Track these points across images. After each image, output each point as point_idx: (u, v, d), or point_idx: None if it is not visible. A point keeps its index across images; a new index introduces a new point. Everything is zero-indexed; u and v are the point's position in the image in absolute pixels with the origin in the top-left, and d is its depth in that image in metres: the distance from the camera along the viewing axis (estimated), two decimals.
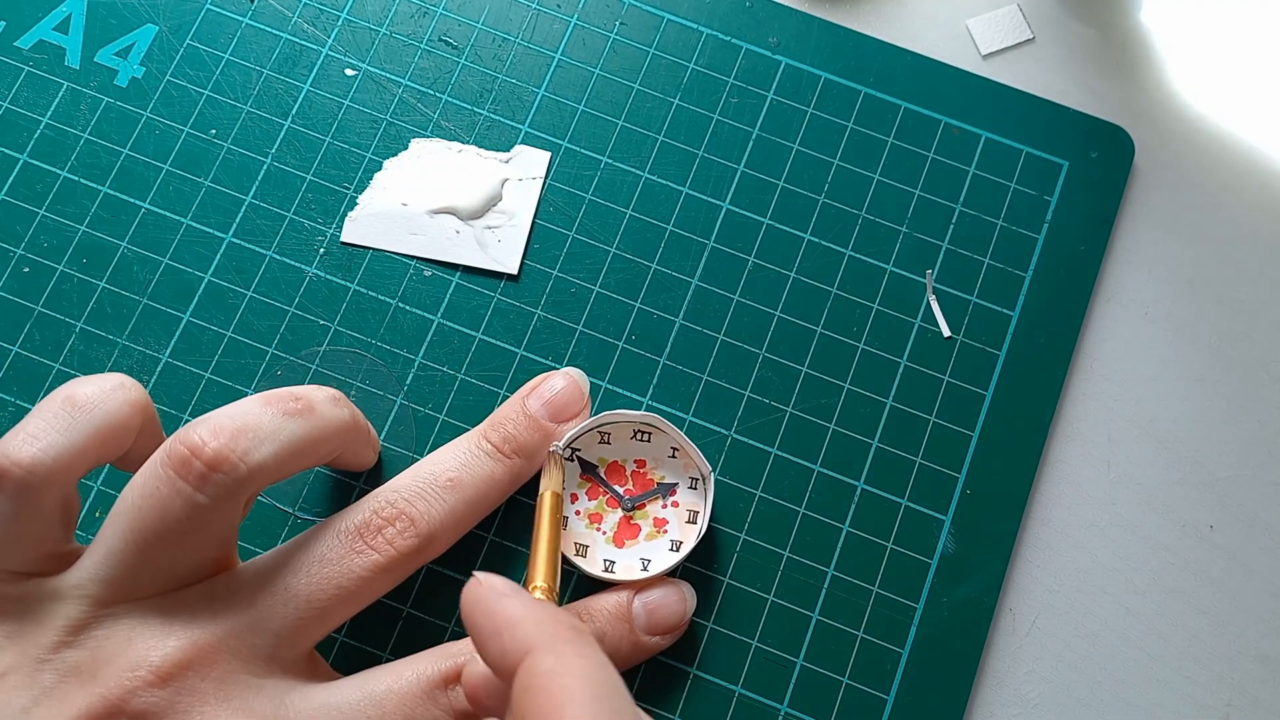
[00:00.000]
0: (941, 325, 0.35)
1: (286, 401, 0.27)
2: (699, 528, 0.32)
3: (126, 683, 0.24)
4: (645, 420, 0.33)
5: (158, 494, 0.25)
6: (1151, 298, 0.36)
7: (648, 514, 0.32)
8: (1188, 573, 0.34)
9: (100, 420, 0.26)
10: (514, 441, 0.31)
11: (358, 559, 0.27)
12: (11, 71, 0.36)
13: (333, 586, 0.27)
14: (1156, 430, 0.35)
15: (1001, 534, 0.34)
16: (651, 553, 0.32)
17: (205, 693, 0.25)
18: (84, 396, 0.26)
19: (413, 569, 0.28)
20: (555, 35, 0.37)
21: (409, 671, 0.27)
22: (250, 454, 0.25)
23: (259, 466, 0.25)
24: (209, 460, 0.25)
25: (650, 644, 0.31)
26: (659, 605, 0.31)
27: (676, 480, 0.33)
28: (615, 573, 0.31)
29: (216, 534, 0.26)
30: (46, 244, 0.35)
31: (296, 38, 0.37)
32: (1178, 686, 0.33)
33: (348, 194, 0.36)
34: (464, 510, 0.29)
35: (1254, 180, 0.37)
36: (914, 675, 0.32)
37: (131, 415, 0.26)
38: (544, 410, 0.32)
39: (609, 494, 0.33)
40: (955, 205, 0.36)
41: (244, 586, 0.27)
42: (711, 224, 0.36)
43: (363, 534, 0.28)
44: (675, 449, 0.33)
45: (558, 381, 0.32)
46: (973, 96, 0.37)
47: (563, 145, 0.36)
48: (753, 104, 0.37)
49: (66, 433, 0.25)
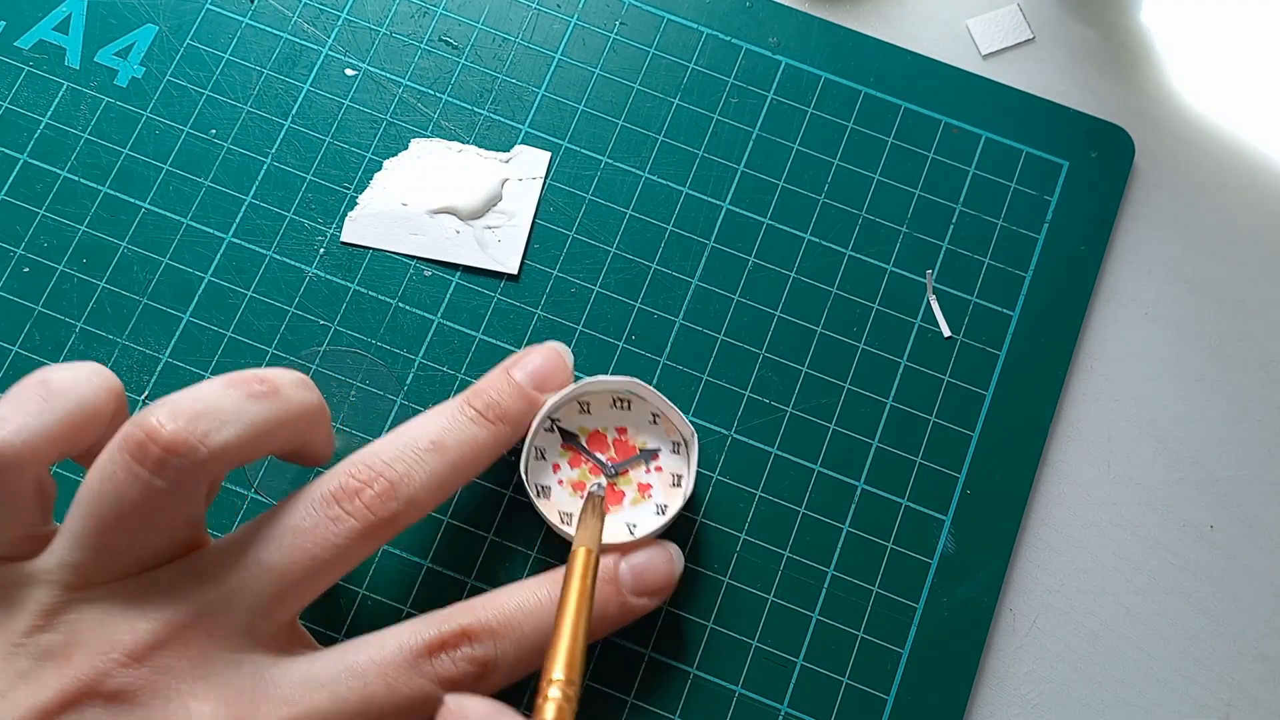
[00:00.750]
0: (941, 325, 0.35)
1: (251, 383, 0.26)
2: (684, 490, 0.32)
3: (100, 664, 0.24)
4: (625, 387, 0.33)
5: (115, 479, 0.24)
6: (1151, 298, 0.36)
7: (631, 480, 0.32)
8: (1188, 573, 0.34)
9: (74, 404, 0.25)
10: (498, 408, 0.30)
11: (333, 527, 0.26)
12: (11, 71, 0.36)
13: (307, 557, 0.26)
14: (1156, 430, 0.35)
15: (1001, 534, 0.34)
16: (637, 517, 0.32)
17: (182, 671, 0.25)
18: (58, 381, 0.25)
19: (392, 535, 0.27)
20: (555, 35, 0.37)
21: (392, 641, 0.27)
22: (210, 436, 0.25)
23: (220, 449, 0.25)
24: (166, 444, 0.24)
25: (638, 605, 0.30)
26: (646, 567, 0.30)
27: (659, 445, 0.33)
28: (602, 539, 0.31)
29: (181, 516, 0.25)
30: (46, 244, 0.35)
31: (296, 38, 0.37)
32: (1178, 686, 0.33)
33: (348, 194, 0.36)
34: (446, 473, 0.28)
35: (1254, 180, 0.37)
36: (914, 675, 0.32)
37: (105, 401, 0.26)
38: (528, 379, 0.31)
39: (592, 462, 0.33)
40: (955, 205, 0.36)
41: (216, 563, 0.26)
42: (711, 224, 0.36)
43: (338, 499, 0.27)
44: (656, 415, 0.33)
45: (541, 352, 0.32)
46: (973, 96, 0.37)
47: (563, 145, 0.36)
48: (753, 104, 0.37)
49: (38, 415, 0.25)
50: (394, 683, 0.26)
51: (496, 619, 0.28)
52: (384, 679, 0.26)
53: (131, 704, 0.24)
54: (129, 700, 0.24)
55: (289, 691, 0.26)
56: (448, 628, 0.27)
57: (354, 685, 0.26)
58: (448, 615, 0.28)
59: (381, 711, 0.26)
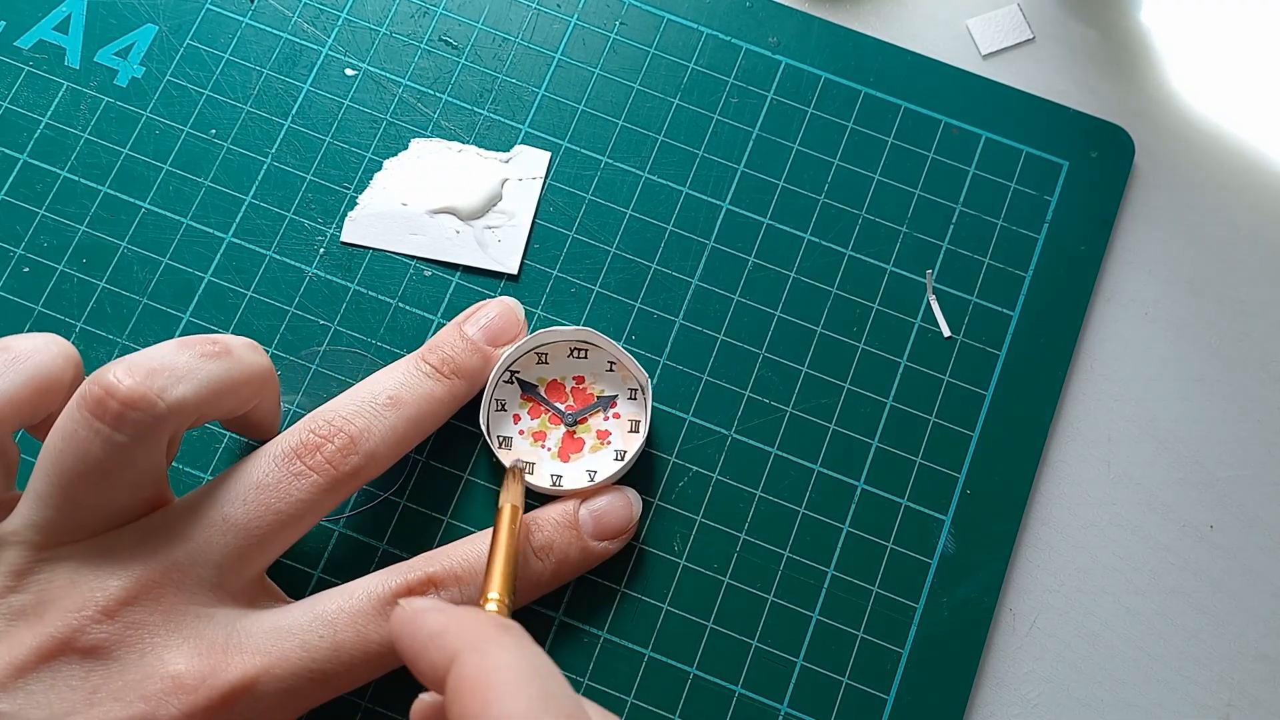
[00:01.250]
0: (941, 325, 0.35)
1: (204, 344, 0.27)
2: (640, 436, 0.33)
3: (74, 621, 0.24)
4: (580, 336, 0.33)
5: (76, 436, 0.25)
6: (1151, 298, 0.36)
7: (590, 428, 0.33)
8: (1188, 573, 0.34)
9: (34, 370, 0.26)
10: (453, 363, 0.31)
11: (296, 482, 0.27)
12: (11, 71, 0.36)
13: (271, 513, 0.27)
14: (1156, 430, 0.35)
15: (1001, 534, 0.34)
16: (597, 464, 0.33)
17: (154, 625, 0.25)
18: (19, 348, 0.26)
19: (354, 489, 0.28)
20: (555, 35, 0.37)
21: (360, 590, 0.28)
22: (167, 391, 0.25)
23: (177, 404, 0.25)
24: (124, 399, 0.24)
25: (598, 549, 0.31)
26: (605, 511, 0.31)
27: (615, 393, 0.34)
28: (563, 486, 0.32)
29: (143, 473, 0.26)
30: (46, 244, 0.35)
31: (296, 38, 0.37)
32: (1178, 686, 0.33)
33: (348, 194, 0.36)
34: (405, 428, 0.29)
35: (1254, 180, 0.37)
36: (914, 675, 0.32)
37: (65, 368, 0.27)
38: (481, 334, 0.32)
39: (550, 411, 0.33)
40: (955, 205, 0.36)
41: (182, 520, 0.27)
42: (711, 224, 0.36)
43: (299, 455, 0.27)
44: (612, 362, 0.34)
45: (493, 307, 0.33)
46: (973, 96, 0.37)
47: (563, 145, 0.36)
48: (753, 104, 0.37)
49: (0, 379, 0.25)
50: (363, 630, 0.27)
51: (461, 566, 0.29)
52: (353, 627, 0.27)
53: (106, 658, 0.24)
54: (104, 655, 0.24)
55: (260, 641, 0.26)
56: (414, 575, 0.28)
57: (324, 633, 0.27)
58: (414, 564, 0.29)
59: (351, 658, 0.27)
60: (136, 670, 0.25)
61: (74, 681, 0.24)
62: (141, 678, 0.25)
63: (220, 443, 0.33)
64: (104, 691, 0.24)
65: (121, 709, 0.24)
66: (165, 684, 0.25)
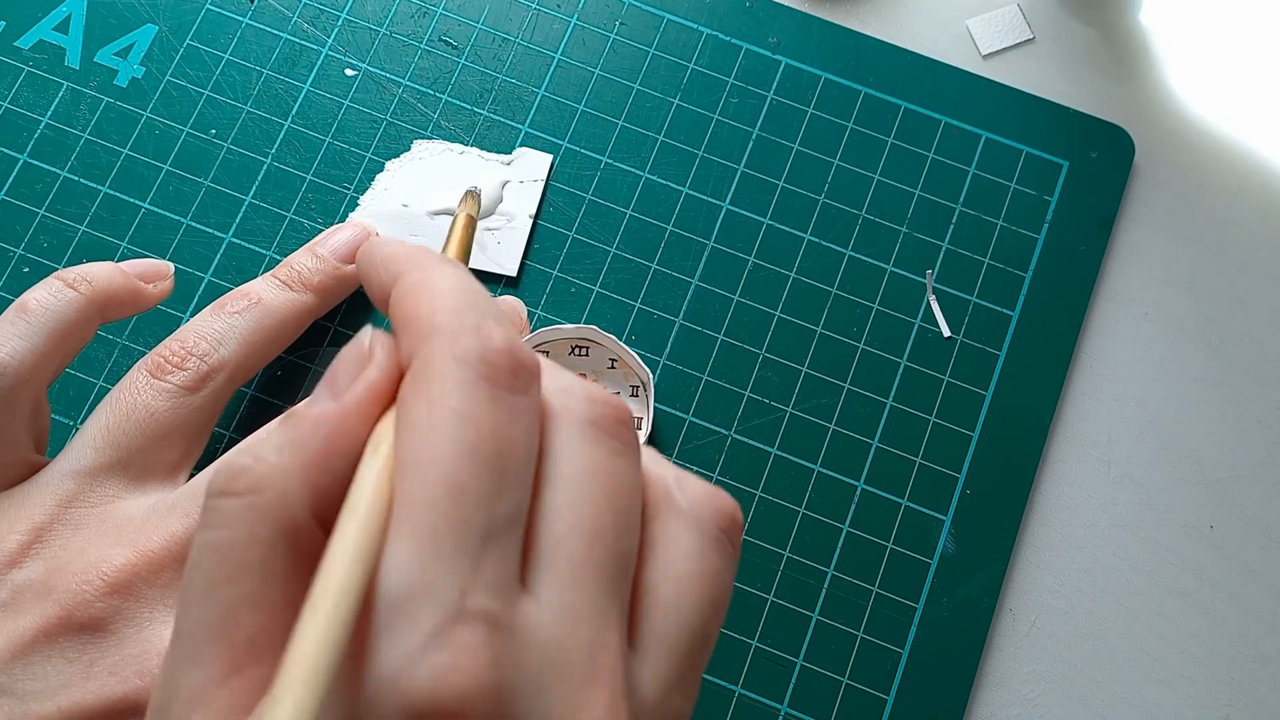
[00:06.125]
0: (941, 325, 0.35)
1: (236, 300, 0.30)
2: (643, 433, 0.33)
3: (75, 597, 0.25)
4: (582, 334, 0.34)
5: (135, 387, 0.28)
6: (1151, 298, 0.36)
7: None
8: (1188, 573, 0.34)
9: (53, 321, 0.27)
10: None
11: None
12: (11, 71, 0.36)
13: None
14: (1156, 430, 0.35)
15: (1001, 534, 0.34)
16: None
17: (152, 599, 0.26)
18: (34, 303, 0.27)
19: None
20: (555, 35, 0.37)
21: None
22: (210, 355, 0.28)
23: (224, 361, 0.28)
24: (180, 364, 0.28)
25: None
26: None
27: (617, 389, 0.34)
28: None
29: (195, 425, 0.28)
30: (46, 244, 0.35)
31: (296, 38, 0.37)
32: (1178, 686, 0.33)
33: (348, 194, 0.36)
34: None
35: (1254, 180, 0.37)
36: (914, 675, 0.32)
37: (82, 308, 0.28)
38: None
39: None
40: (955, 205, 0.36)
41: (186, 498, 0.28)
42: (711, 224, 0.36)
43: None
44: (614, 360, 0.34)
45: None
46: (973, 96, 0.37)
47: (563, 145, 0.36)
48: (753, 104, 0.37)
49: (26, 337, 0.27)
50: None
51: None
52: None
53: (104, 633, 0.25)
54: (101, 630, 0.25)
55: None
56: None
57: None
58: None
59: None
60: (134, 645, 0.25)
61: (71, 654, 0.25)
62: (139, 653, 0.25)
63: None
64: (100, 665, 0.25)
65: (117, 683, 0.24)
66: None
